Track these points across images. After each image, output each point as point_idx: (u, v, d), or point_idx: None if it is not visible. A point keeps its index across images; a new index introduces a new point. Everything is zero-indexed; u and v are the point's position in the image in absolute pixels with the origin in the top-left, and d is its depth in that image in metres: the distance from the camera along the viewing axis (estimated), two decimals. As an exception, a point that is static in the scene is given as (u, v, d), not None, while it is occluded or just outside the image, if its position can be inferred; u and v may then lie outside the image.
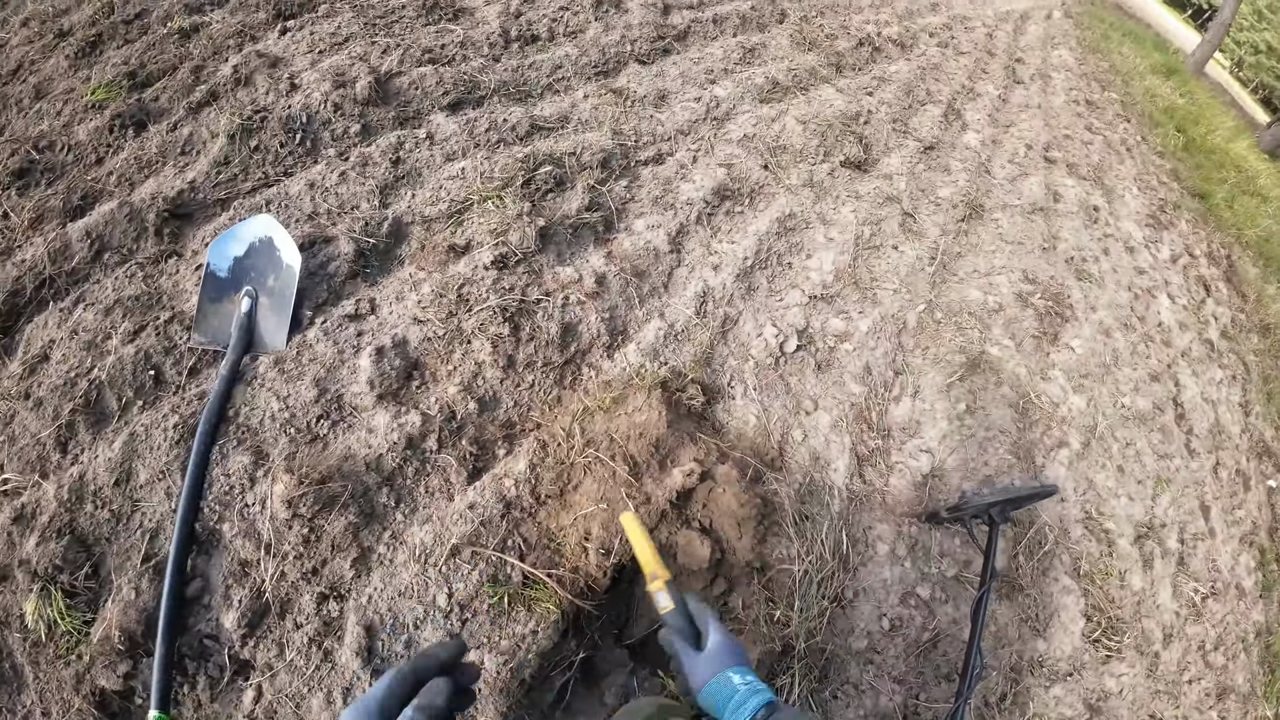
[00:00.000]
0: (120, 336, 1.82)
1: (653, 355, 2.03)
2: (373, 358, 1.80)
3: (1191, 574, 2.36)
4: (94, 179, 2.24)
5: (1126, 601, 2.20)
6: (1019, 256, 2.86)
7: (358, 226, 2.06)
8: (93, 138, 2.31)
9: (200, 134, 2.33)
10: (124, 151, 2.30)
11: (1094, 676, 2.06)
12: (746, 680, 1.06)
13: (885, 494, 2.08)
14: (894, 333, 2.39)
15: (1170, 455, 2.62)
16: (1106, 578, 2.21)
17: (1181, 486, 2.55)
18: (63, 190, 2.18)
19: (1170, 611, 2.27)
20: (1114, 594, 2.20)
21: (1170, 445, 2.64)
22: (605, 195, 2.33)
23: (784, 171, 2.68)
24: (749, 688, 1.04)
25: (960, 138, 3.34)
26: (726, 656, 1.11)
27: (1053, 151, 3.49)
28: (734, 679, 1.06)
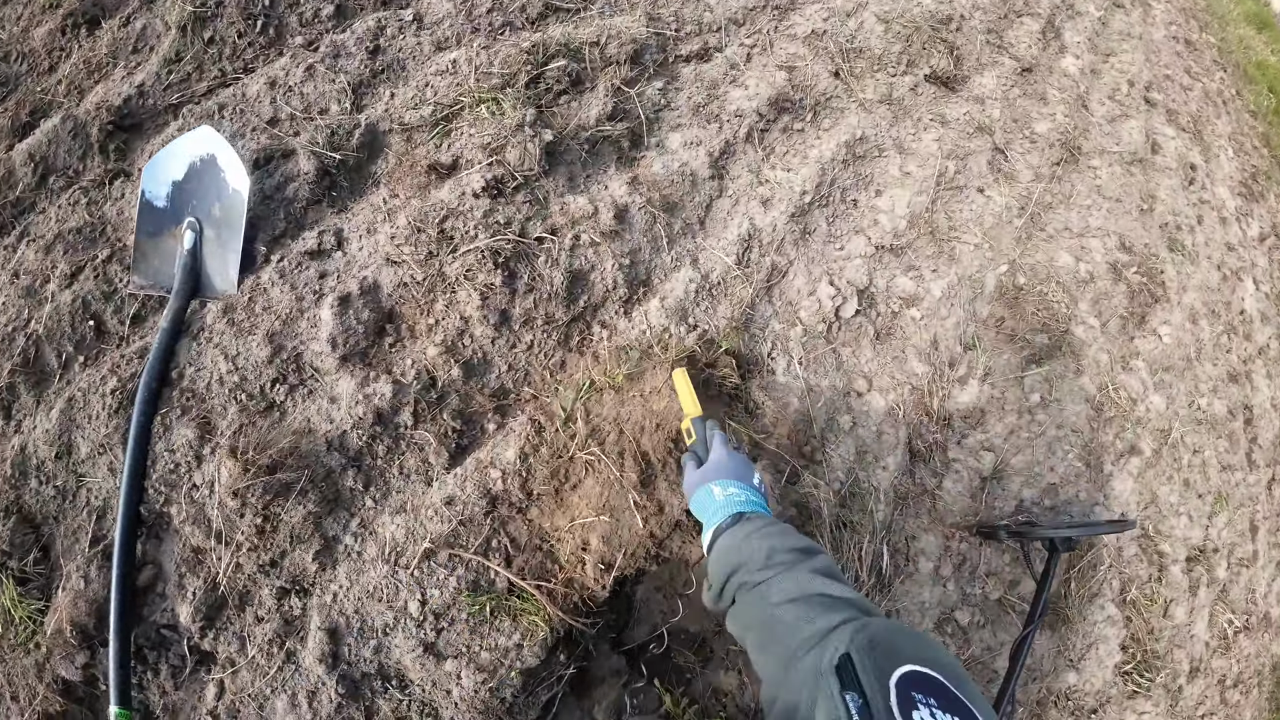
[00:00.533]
0: (58, 280, 1.55)
1: (679, 315, 1.63)
2: (335, 309, 1.48)
3: (1230, 604, 2.03)
4: (43, 90, 1.89)
5: (1165, 633, 1.88)
6: (1116, 217, 2.22)
7: (322, 137, 1.65)
8: (45, 42, 1.94)
9: (153, 27, 1.90)
10: (75, 54, 1.92)
11: (1116, 712, 1.79)
12: (728, 492, 1.11)
13: (937, 498, 1.72)
14: (969, 299, 1.88)
15: (1233, 467, 2.16)
16: (1151, 606, 1.88)
17: (1237, 504, 2.13)
18: (12, 106, 1.85)
19: (1202, 643, 1.96)
20: (1155, 625, 1.87)
21: (1234, 456, 2.18)
22: (634, 100, 1.80)
23: (858, 82, 2.03)
24: (727, 499, 1.10)
25: (1058, 61, 2.58)
26: (715, 471, 1.17)
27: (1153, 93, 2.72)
28: (714, 490, 1.13)
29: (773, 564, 0.92)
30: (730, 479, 1.14)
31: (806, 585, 0.85)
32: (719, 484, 1.13)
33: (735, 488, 1.13)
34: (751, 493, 1.13)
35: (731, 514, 1.07)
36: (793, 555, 0.92)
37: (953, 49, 2.23)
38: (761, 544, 0.96)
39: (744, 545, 0.98)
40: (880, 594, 1.60)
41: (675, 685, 1.57)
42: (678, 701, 1.52)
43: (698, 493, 1.16)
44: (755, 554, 0.95)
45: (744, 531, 1.01)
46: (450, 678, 1.35)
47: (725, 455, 1.21)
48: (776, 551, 0.94)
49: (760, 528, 1.00)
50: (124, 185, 1.72)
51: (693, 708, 1.53)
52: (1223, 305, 2.39)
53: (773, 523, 1.04)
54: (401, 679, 1.37)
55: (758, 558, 0.94)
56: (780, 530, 1.00)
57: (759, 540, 0.97)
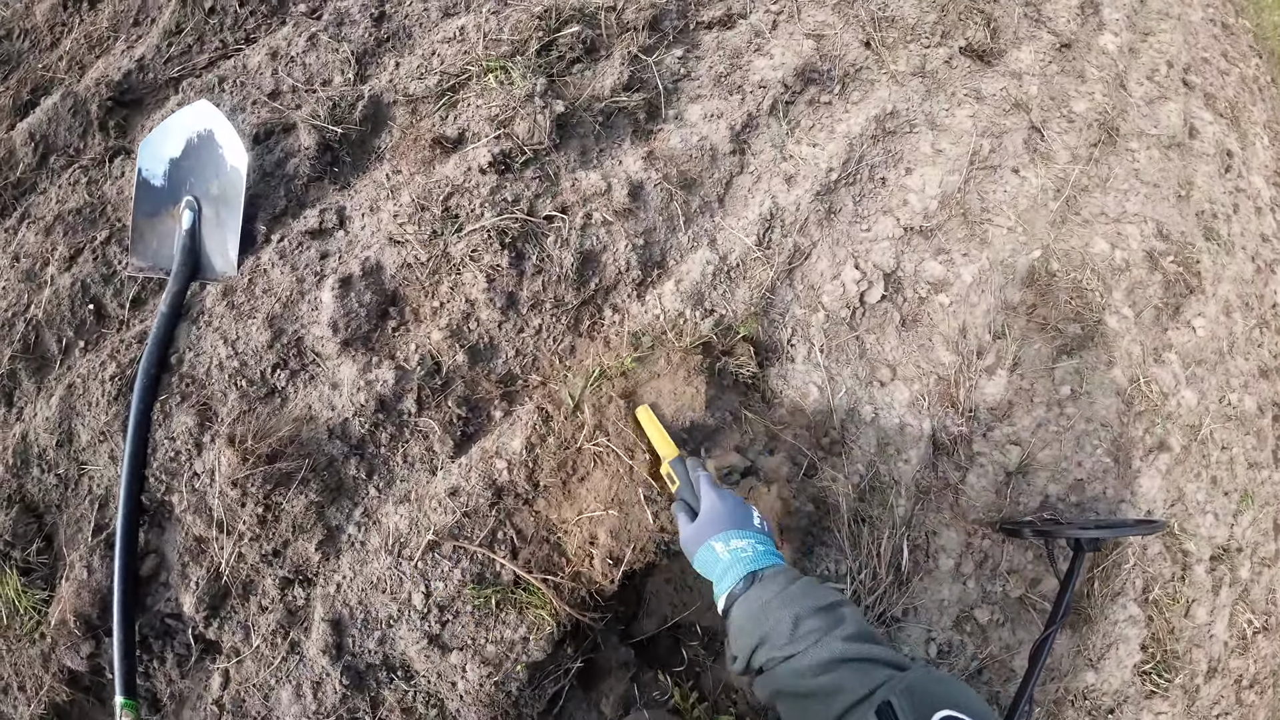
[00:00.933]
0: (57, 263, 1.51)
1: (695, 300, 1.54)
2: (337, 292, 1.42)
3: (1250, 604, 1.94)
4: (45, 67, 1.83)
5: (1186, 634, 1.79)
6: (1153, 203, 2.07)
7: (324, 110, 1.57)
8: (47, 17, 1.87)
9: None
10: (76, 29, 1.85)
11: (1133, 712, 1.72)
12: (731, 547, 1.02)
13: (960, 493, 1.63)
14: (1000, 285, 1.76)
15: (1259, 465, 2.05)
16: (1173, 605, 1.79)
17: (1262, 503, 2.02)
18: (14, 85, 1.79)
19: (1221, 643, 1.88)
20: (1176, 625, 1.79)
21: (1261, 454, 2.06)
22: (651, 69, 1.68)
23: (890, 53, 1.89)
24: (733, 556, 1.01)
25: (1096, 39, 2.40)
26: (712, 525, 1.07)
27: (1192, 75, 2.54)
28: (717, 548, 1.03)
29: (800, 634, 0.85)
30: (731, 529, 1.05)
31: (840, 653, 0.81)
32: (719, 539, 1.04)
33: (739, 539, 1.03)
34: (756, 539, 1.04)
35: (743, 576, 0.98)
36: (820, 620, 0.86)
37: (989, 20, 2.07)
38: (784, 613, 0.89)
39: (765, 615, 0.91)
40: (898, 591, 1.52)
41: (684, 679, 1.52)
42: (686, 696, 1.48)
43: (699, 552, 1.07)
44: (780, 625, 0.88)
45: (761, 598, 0.93)
46: (455, 670, 1.31)
47: (718, 501, 1.11)
48: (803, 619, 0.87)
49: (779, 592, 0.92)
50: (124, 163, 1.66)
51: (703, 704, 1.48)
52: (1256, 298, 2.24)
53: (790, 580, 0.96)
54: (407, 670, 1.33)
55: (783, 629, 0.87)
56: (801, 590, 0.92)
57: (780, 609, 0.90)
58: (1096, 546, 1.52)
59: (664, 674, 1.50)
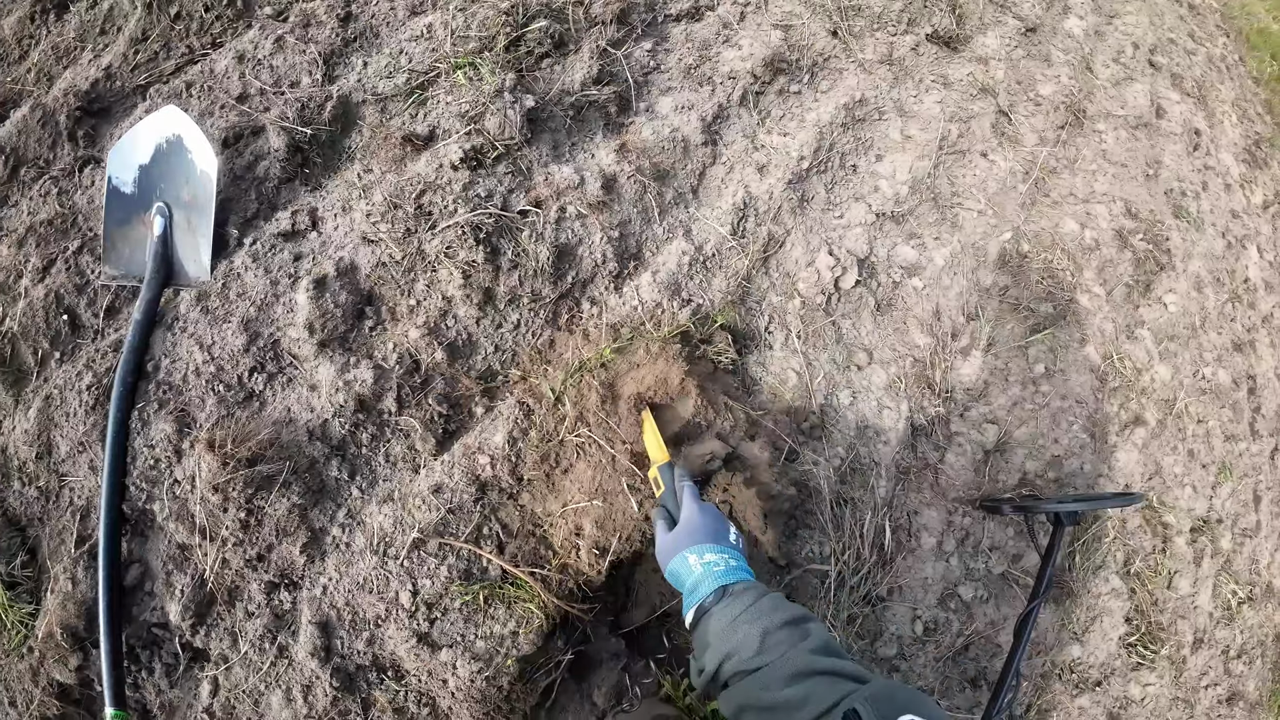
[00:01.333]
0: (31, 275, 1.49)
1: (673, 290, 1.54)
2: (311, 293, 1.40)
3: (1234, 575, 1.97)
4: (14, 80, 1.80)
5: (1170, 605, 1.81)
6: (1121, 183, 2.09)
7: (293, 111, 1.55)
8: (15, 30, 1.85)
9: (120, 6, 1.81)
10: (44, 40, 1.83)
11: (1120, 684, 1.74)
12: (704, 560, 1.03)
13: (939, 473, 1.64)
14: (972, 267, 1.77)
15: (1236, 437, 2.07)
16: (1155, 578, 1.81)
17: (1241, 475, 2.05)
18: (-16, 99, 1.77)
19: (1205, 614, 1.90)
20: (1159, 596, 1.81)
21: (1238, 426, 2.09)
22: (621, 63, 1.67)
23: (857, 41, 1.89)
24: (705, 569, 1.02)
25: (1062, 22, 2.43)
26: (688, 536, 1.08)
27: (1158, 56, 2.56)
28: (690, 560, 1.04)
29: (768, 647, 0.86)
30: (706, 543, 1.06)
31: (806, 665, 0.81)
32: (694, 551, 1.05)
33: (713, 554, 1.04)
34: (730, 554, 1.05)
35: (714, 590, 0.99)
36: (787, 634, 0.87)
37: (955, 7, 2.07)
38: (753, 628, 0.89)
39: (734, 629, 0.91)
40: (883, 570, 1.53)
41: (675, 668, 1.53)
42: (676, 684, 1.48)
43: (673, 562, 1.07)
44: (748, 640, 0.88)
45: (730, 613, 0.94)
46: (446, 667, 1.31)
47: (697, 513, 1.12)
48: (770, 633, 0.87)
49: (748, 606, 0.93)
50: (94, 172, 1.64)
51: (693, 691, 1.48)
52: (1227, 273, 2.27)
53: (759, 595, 0.96)
54: (397, 670, 1.33)
55: (751, 643, 0.88)
56: (770, 605, 0.93)
57: (749, 624, 0.90)
58: (1076, 520, 1.53)
59: (653, 663, 1.50)
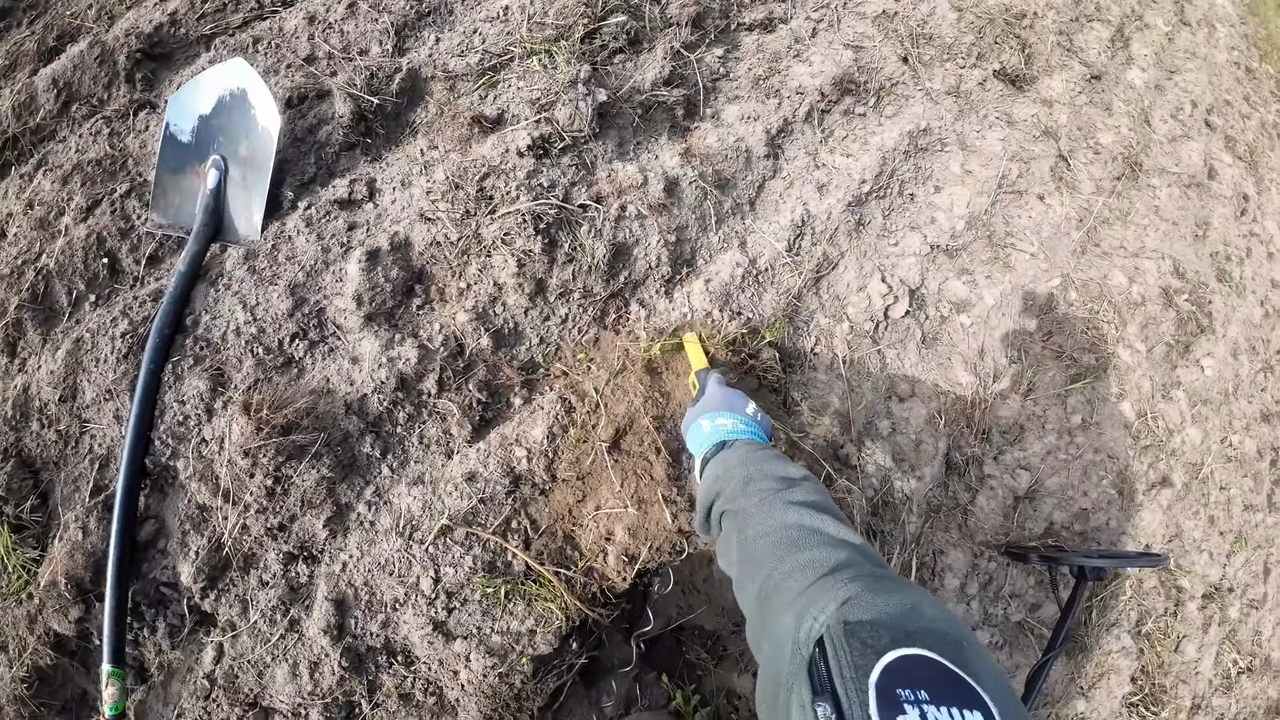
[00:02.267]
0: (73, 213, 1.43)
1: (723, 300, 1.50)
2: (363, 265, 1.36)
3: (1237, 644, 1.95)
4: (73, 14, 1.75)
5: (1175, 668, 1.79)
6: (1171, 240, 2.08)
7: (361, 79, 1.51)
8: None
9: None
10: None
11: None
12: (716, 422, 1.06)
13: (969, 514, 1.60)
14: (1019, 310, 1.75)
15: (1254, 508, 2.06)
16: (1164, 640, 1.79)
17: (1255, 545, 2.03)
18: (39, 30, 1.72)
19: (1206, 680, 1.88)
20: (1166, 659, 1.78)
21: (1258, 496, 2.07)
22: (693, 66, 1.64)
23: (926, 70, 1.87)
24: (714, 428, 1.05)
25: (1125, 72, 2.42)
26: (706, 405, 1.11)
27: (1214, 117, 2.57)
28: (704, 424, 1.07)
29: (749, 492, 0.84)
30: (721, 410, 1.09)
31: (782, 517, 0.77)
32: (707, 416, 1.09)
33: (725, 418, 1.07)
34: (742, 420, 1.08)
35: (716, 442, 1.03)
36: (772, 484, 0.84)
37: (1025, 46, 2.06)
38: (740, 470, 0.90)
39: (724, 471, 0.93)
40: (907, 607, 1.50)
41: (686, 682, 1.48)
42: (688, 699, 1.43)
43: (691, 429, 1.11)
44: (734, 480, 0.88)
45: (726, 460, 0.97)
46: (458, 659, 1.26)
47: (717, 389, 1.16)
48: (755, 479, 0.86)
49: (745, 454, 0.95)
50: (149, 117, 1.59)
51: (705, 708, 1.44)
52: (1262, 342, 2.26)
53: (759, 447, 0.98)
54: (407, 656, 1.28)
55: (736, 484, 0.87)
56: (765, 456, 0.93)
57: (739, 467, 0.91)
58: (1100, 575, 1.50)
59: (665, 676, 1.46)
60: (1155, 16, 2.73)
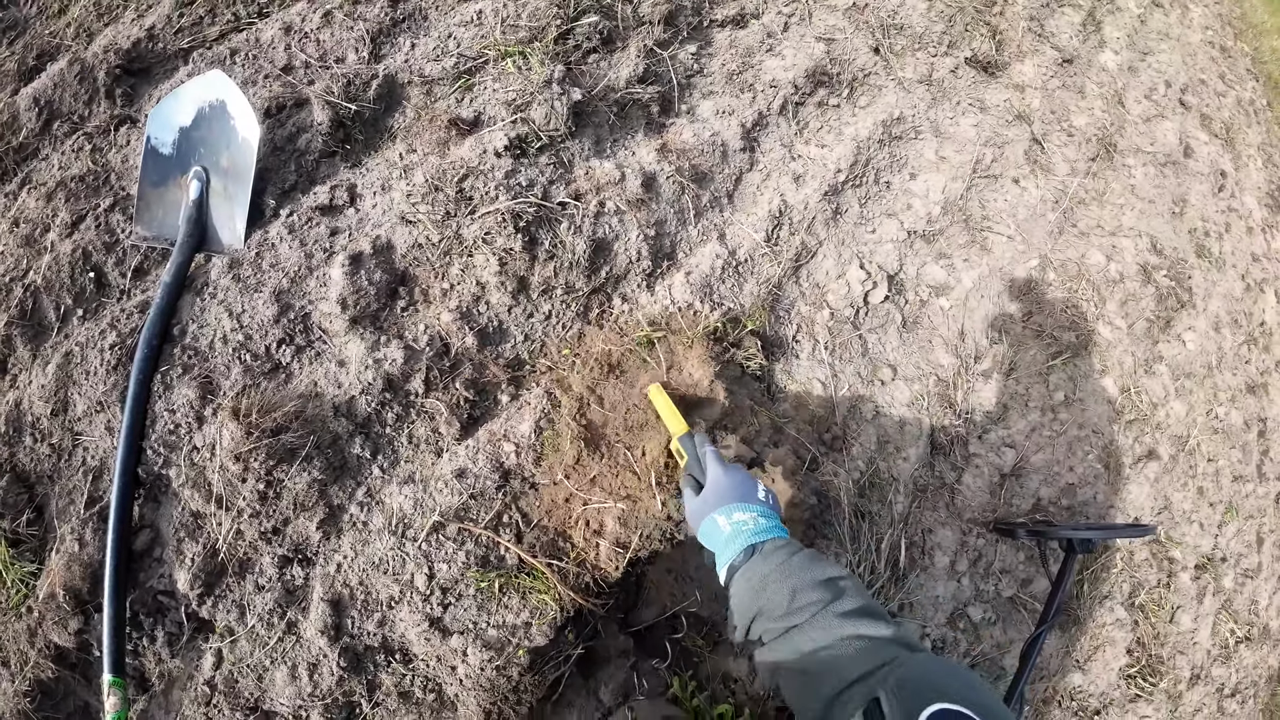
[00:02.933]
0: (58, 229, 1.44)
1: (705, 292, 1.52)
2: (347, 269, 1.37)
3: (1233, 614, 1.98)
4: (52, 33, 1.76)
5: (1171, 639, 1.81)
6: (1148, 218, 2.11)
7: (338, 87, 1.52)
8: None
9: None
10: None
11: (1118, 715, 1.73)
12: (733, 520, 1.01)
13: (956, 493, 1.62)
14: (998, 291, 1.77)
15: (1244, 478, 2.09)
16: (1158, 611, 1.81)
17: (1246, 515, 2.06)
18: (19, 50, 1.72)
19: (1204, 651, 1.90)
20: (1161, 630, 1.80)
21: (1246, 467, 2.10)
22: (666, 63, 1.66)
23: (898, 59, 1.89)
24: (734, 529, 1.00)
25: (1098, 55, 2.45)
26: (716, 497, 1.05)
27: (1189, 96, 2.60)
28: (719, 521, 1.02)
29: (797, 608, 0.83)
30: (735, 502, 1.03)
31: (836, 630, 0.78)
32: (722, 513, 1.02)
33: (742, 512, 1.01)
34: (759, 512, 1.02)
35: (743, 548, 0.97)
36: (818, 594, 0.83)
37: (995, 33, 2.08)
38: (782, 586, 0.87)
39: (763, 588, 0.89)
40: (895, 586, 1.51)
41: (683, 668, 1.50)
42: (685, 685, 1.45)
43: (703, 525, 1.05)
44: (777, 598, 0.86)
45: (760, 571, 0.92)
46: (456, 654, 1.27)
47: (722, 475, 1.09)
48: (800, 591, 0.85)
49: (779, 565, 0.90)
50: (129, 132, 1.60)
51: (702, 693, 1.45)
52: (1244, 315, 2.28)
53: (791, 552, 0.93)
54: (405, 654, 1.29)
55: (779, 602, 0.85)
56: (800, 563, 0.90)
57: (778, 583, 0.88)
58: (1089, 548, 1.52)
59: (662, 664, 1.47)
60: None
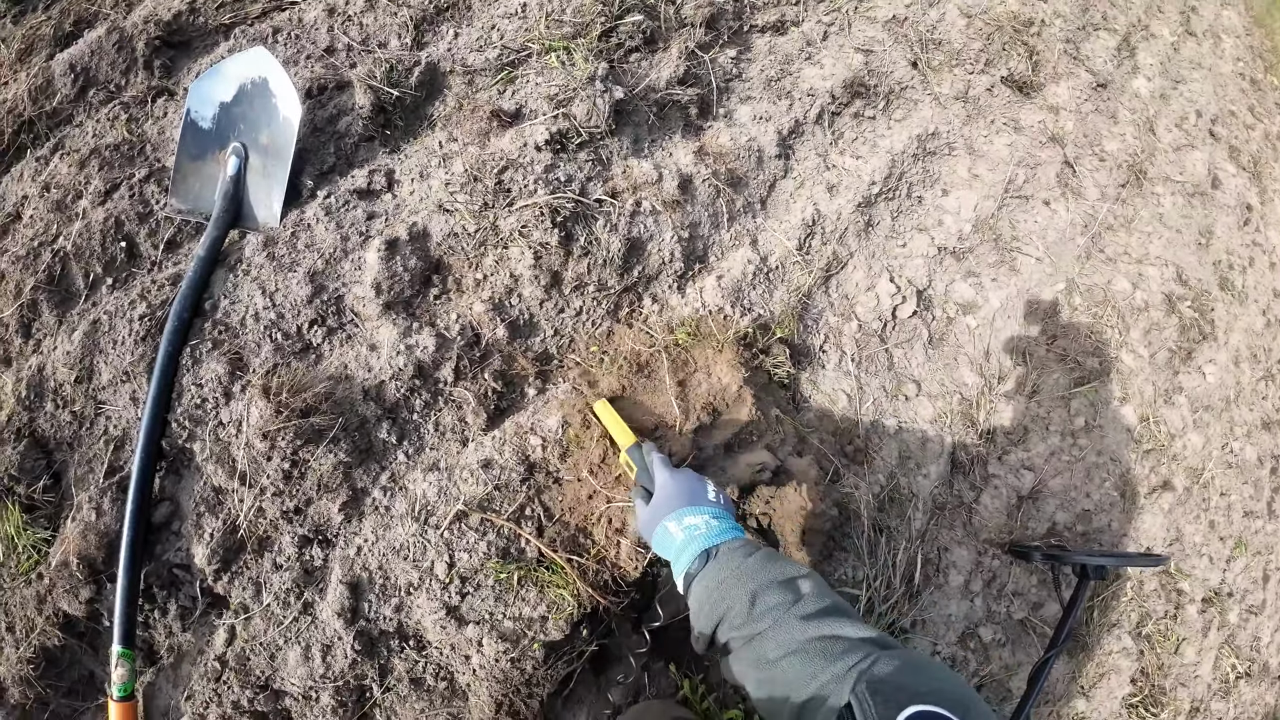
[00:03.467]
0: (91, 196, 1.43)
1: (735, 297, 1.52)
2: (382, 254, 1.36)
3: (1236, 649, 1.98)
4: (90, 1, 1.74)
5: (1174, 671, 1.81)
6: (1175, 248, 2.11)
7: (380, 71, 1.51)
8: None
9: None
10: None
11: None
12: (684, 524, 0.98)
13: (973, 512, 1.62)
14: (1024, 313, 1.77)
15: (1254, 514, 2.09)
16: (1164, 642, 1.81)
17: (1254, 551, 2.07)
18: (56, 15, 1.71)
19: (1205, 684, 1.90)
20: (1166, 661, 1.80)
21: (1257, 503, 2.11)
22: (707, 66, 1.66)
23: (935, 74, 1.90)
24: (687, 534, 0.96)
25: (1130, 82, 2.46)
26: (666, 503, 1.02)
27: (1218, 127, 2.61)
28: (670, 528, 0.99)
29: (758, 614, 0.80)
30: (684, 507, 1.00)
31: (799, 633, 0.76)
32: (673, 518, 0.99)
33: (692, 515, 0.98)
34: (711, 514, 0.99)
35: (697, 554, 0.94)
36: (778, 596, 0.81)
37: (1032, 53, 2.09)
38: (741, 592, 0.83)
39: (722, 594, 0.85)
40: (909, 602, 1.51)
41: (694, 671, 1.49)
42: (695, 688, 1.44)
43: (655, 533, 1.02)
44: (737, 604, 0.83)
45: (718, 576, 0.88)
46: (470, 644, 1.26)
47: (669, 479, 1.06)
48: (759, 596, 0.82)
49: (735, 570, 0.87)
50: (167, 104, 1.59)
51: (711, 695, 1.45)
52: (1264, 351, 2.29)
53: (746, 553, 0.90)
54: (420, 640, 1.28)
55: (741, 608, 0.82)
56: (757, 564, 0.87)
57: (736, 587, 0.85)
58: (1102, 575, 1.52)
59: (673, 665, 1.46)
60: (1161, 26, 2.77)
